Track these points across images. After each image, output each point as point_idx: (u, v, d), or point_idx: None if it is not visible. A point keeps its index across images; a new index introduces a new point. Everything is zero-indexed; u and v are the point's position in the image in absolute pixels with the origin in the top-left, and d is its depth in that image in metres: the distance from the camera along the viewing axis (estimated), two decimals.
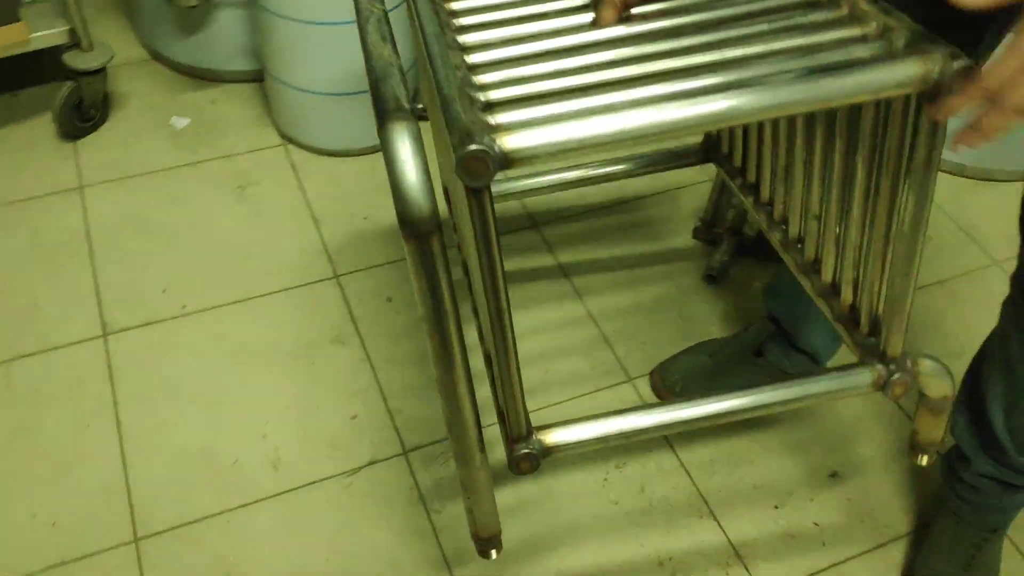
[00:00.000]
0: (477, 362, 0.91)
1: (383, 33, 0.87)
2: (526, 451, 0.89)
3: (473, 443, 0.88)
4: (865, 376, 0.96)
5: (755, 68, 0.75)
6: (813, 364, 1.47)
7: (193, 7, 1.86)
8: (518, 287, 1.71)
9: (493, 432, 1.00)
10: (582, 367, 1.60)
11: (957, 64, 0.71)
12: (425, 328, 0.80)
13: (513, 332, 0.86)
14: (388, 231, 1.80)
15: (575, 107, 0.75)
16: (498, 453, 0.98)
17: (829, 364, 1.49)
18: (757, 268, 1.79)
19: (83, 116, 1.92)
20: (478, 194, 0.72)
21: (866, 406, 1.55)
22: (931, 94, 0.73)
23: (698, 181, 1.96)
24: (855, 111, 0.87)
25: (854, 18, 0.82)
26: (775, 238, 1.14)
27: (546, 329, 1.64)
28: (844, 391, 0.97)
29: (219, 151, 1.94)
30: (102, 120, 1.97)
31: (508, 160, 0.70)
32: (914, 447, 1.13)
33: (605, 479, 1.43)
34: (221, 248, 1.74)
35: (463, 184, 0.71)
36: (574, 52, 0.84)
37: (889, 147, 0.83)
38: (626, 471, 1.44)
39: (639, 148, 0.75)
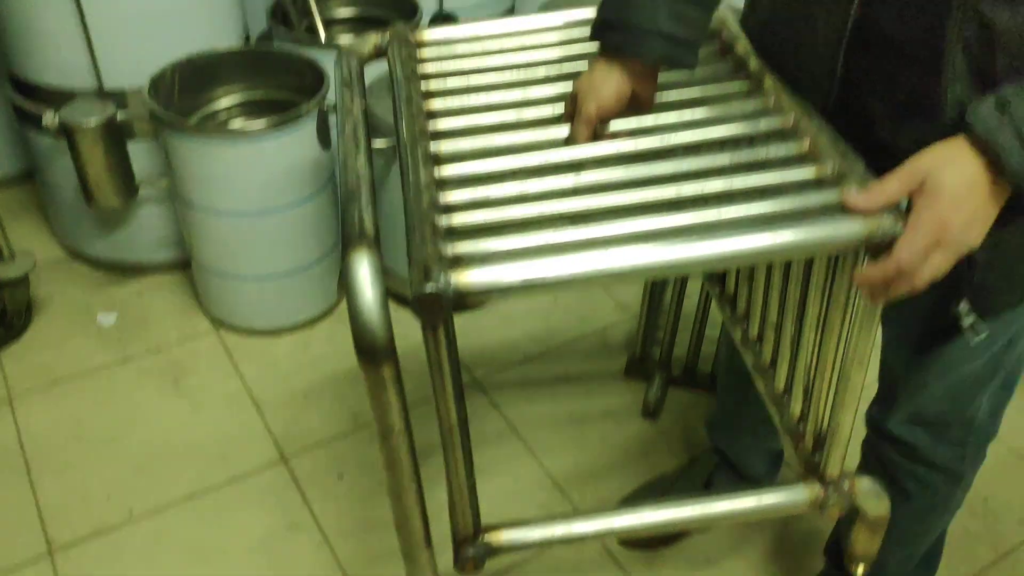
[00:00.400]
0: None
1: (358, 138, 0.91)
2: (472, 552, 0.94)
3: (419, 542, 0.93)
4: (804, 494, 1.00)
5: (710, 211, 0.80)
6: None
7: (115, 208, 1.89)
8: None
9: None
10: (535, 513, 1.62)
11: (901, 225, 0.76)
12: (378, 441, 0.85)
13: (467, 443, 0.91)
14: (331, 405, 1.82)
15: (530, 243, 0.79)
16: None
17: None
18: (690, 398, 1.87)
19: (6, 324, 1.90)
20: (434, 329, 0.78)
21: (816, 525, 1.62)
22: (876, 250, 0.79)
23: (623, 320, 2.06)
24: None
25: (813, 156, 0.87)
26: (737, 334, 1.19)
27: (491, 474, 1.66)
28: (784, 508, 1.01)
29: (150, 344, 1.94)
30: (26, 326, 1.95)
31: (462, 299, 0.75)
32: (850, 558, 1.16)
33: None
34: (163, 445, 1.72)
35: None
36: (541, 173, 0.88)
37: (837, 289, 0.89)
38: None
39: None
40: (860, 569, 1.16)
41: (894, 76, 0.86)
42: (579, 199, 0.85)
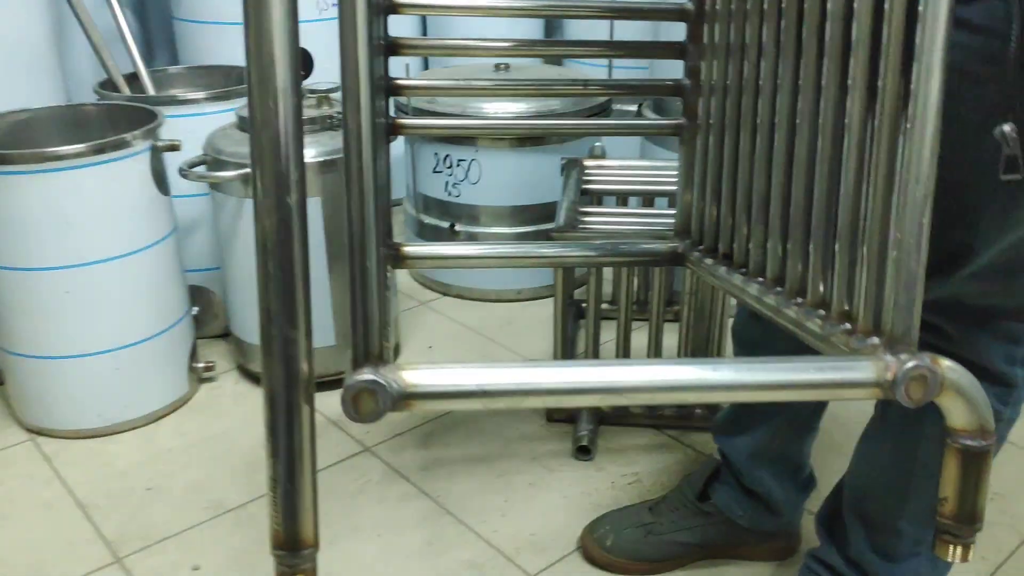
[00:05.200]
0: None
1: None
2: (370, 378, 0.60)
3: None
4: (867, 370, 0.68)
5: None
6: (769, 514, 1.22)
7: None
8: (371, 513, 1.36)
9: None
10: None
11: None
12: None
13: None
14: (183, 496, 1.42)
15: None
16: None
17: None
18: (627, 434, 1.57)
19: None
20: None
21: None
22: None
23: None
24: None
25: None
26: (751, 292, 0.93)
27: (419, 555, 1.29)
28: (844, 384, 0.69)
29: None
30: None
31: None
32: (939, 530, 0.73)
33: None
34: None
35: None
36: None
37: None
38: None
39: None
40: (959, 552, 0.71)
41: None
42: None
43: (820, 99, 0.79)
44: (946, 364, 0.68)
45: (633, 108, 2.30)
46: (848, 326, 0.78)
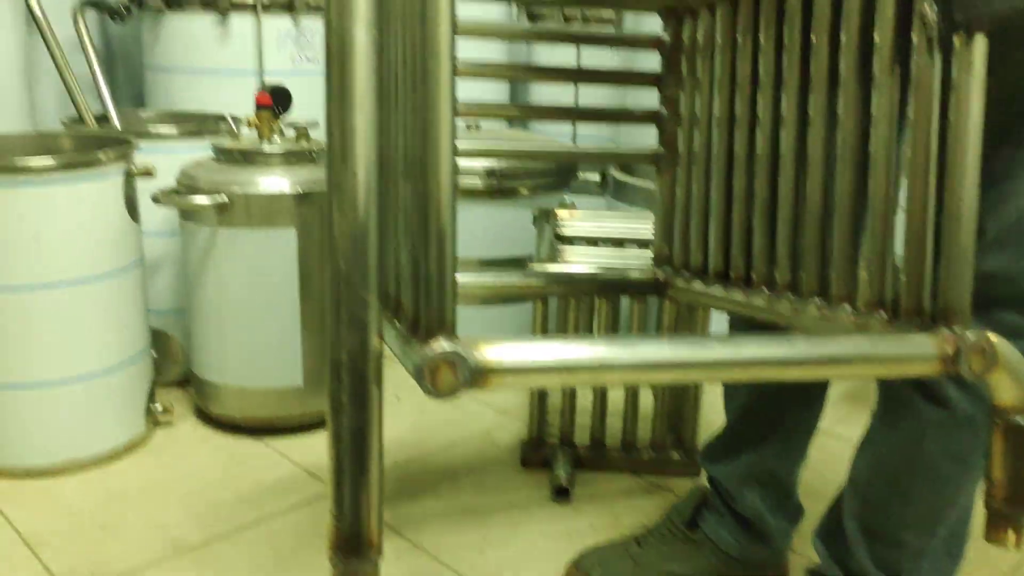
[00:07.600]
0: None
1: None
2: (450, 349, 0.58)
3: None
4: (926, 344, 0.68)
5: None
6: (759, 543, 1.19)
7: None
8: None
9: None
10: None
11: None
12: None
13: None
14: (142, 533, 1.32)
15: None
16: None
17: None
18: (605, 478, 1.53)
19: None
20: None
21: None
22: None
23: (506, 422, 1.73)
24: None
25: None
26: (758, 305, 0.93)
27: None
28: (897, 360, 0.69)
29: None
30: None
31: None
32: (991, 515, 0.72)
33: None
34: None
35: None
36: None
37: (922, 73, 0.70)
38: None
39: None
40: (1012, 538, 0.70)
41: None
42: None
43: (837, 93, 0.82)
44: (996, 338, 0.68)
45: (596, 177, 2.36)
46: (883, 313, 0.78)
